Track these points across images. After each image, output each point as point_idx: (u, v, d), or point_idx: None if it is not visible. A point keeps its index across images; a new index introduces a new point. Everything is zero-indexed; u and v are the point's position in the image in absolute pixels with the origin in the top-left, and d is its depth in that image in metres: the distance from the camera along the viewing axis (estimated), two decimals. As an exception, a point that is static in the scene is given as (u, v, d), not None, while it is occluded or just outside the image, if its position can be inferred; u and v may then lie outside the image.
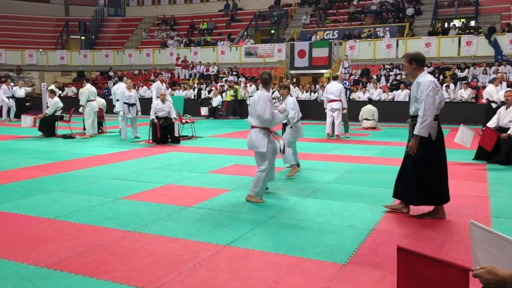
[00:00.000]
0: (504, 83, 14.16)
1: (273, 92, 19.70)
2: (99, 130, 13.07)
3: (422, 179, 4.68)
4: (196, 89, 22.09)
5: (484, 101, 14.65)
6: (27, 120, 13.36)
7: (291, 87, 19.08)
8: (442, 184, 4.73)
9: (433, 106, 4.49)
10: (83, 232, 4.31)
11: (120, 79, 13.73)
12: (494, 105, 11.54)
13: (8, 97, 17.54)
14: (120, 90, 12.25)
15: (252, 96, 19.33)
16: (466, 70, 18.98)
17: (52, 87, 14.81)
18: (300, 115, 7.24)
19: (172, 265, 3.52)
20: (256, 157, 5.62)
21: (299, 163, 7.50)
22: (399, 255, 2.18)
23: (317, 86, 19.81)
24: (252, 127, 5.56)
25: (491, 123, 8.38)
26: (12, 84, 18.45)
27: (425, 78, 4.62)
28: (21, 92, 18.22)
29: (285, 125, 7.47)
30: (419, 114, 4.55)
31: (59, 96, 15.15)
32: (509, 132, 7.90)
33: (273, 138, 5.65)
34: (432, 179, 4.67)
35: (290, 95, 7.38)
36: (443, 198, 4.75)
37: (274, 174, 5.86)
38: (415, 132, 4.56)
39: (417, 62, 4.72)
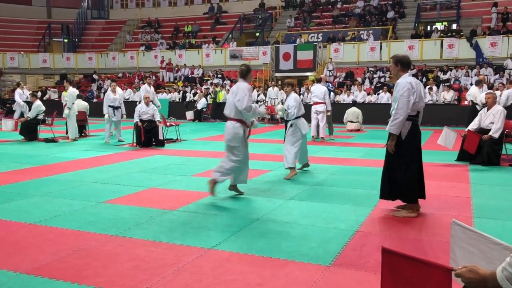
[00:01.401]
0: (485, 86, 14.36)
1: (258, 95, 19.75)
2: (82, 134, 12.93)
3: (389, 176, 4.93)
4: (181, 92, 22.00)
5: (466, 103, 14.86)
6: (8, 123, 13.16)
7: (277, 88, 19.13)
8: (408, 182, 4.84)
9: (406, 105, 4.66)
10: (65, 237, 4.24)
11: (114, 82, 13.52)
12: (478, 107, 11.71)
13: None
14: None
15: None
16: (449, 73, 19.24)
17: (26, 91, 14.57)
18: (302, 111, 7.24)
19: (155, 269, 3.48)
20: (226, 148, 5.69)
21: (308, 163, 7.54)
22: (384, 256, 2.19)
23: (302, 89, 19.88)
24: (229, 119, 5.60)
25: (473, 125, 8.50)
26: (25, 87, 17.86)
27: (403, 80, 4.78)
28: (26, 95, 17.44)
29: (287, 123, 7.44)
30: (392, 112, 4.77)
31: (41, 99, 14.87)
32: (490, 133, 8.02)
33: (247, 133, 5.71)
34: (399, 177, 4.85)
35: (294, 92, 7.42)
36: (409, 196, 4.89)
37: (246, 176, 5.89)
38: (387, 128, 4.80)
39: (402, 64, 4.87)
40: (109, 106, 11.59)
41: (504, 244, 1.97)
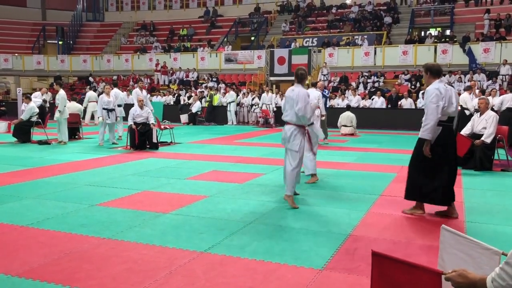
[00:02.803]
0: (477, 91, 14.44)
1: (253, 99, 19.78)
2: (76, 136, 12.88)
3: (414, 176, 5.04)
4: (175, 95, 21.99)
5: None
6: (1, 125, 13.07)
7: (271, 94, 19.15)
8: (435, 184, 4.93)
9: (435, 111, 4.78)
10: (57, 239, 4.23)
11: (115, 85, 13.39)
12: (467, 112, 11.79)
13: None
14: (121, 95, 12.15)
15: (232, 102, 19.44)
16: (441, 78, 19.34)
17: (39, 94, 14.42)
18: (316, 117, 7.23)
19: (147, 272, 3.47)
20: (287, 154, 5.63)
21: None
22: (374, 260, 2.20)
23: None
24: (287, 123, 5.57)
25: (466, 130, 8.56)
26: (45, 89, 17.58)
27: (432, 86, 4.92)
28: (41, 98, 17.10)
29: None
30: (423, 118, 4.90)
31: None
32: (482, 138, 8.08)
33: (307, 136, 5.73)
34: (423, 179, 4.96)
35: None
36: (435, 198, 4.97)
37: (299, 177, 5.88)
38: (419, 135, 4.91)
39: (431, 72, 5.02)
40: (104, 108, 11.57)
41: (493, 249, 1.99)
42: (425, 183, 4.97)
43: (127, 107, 12.54)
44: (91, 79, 26.37)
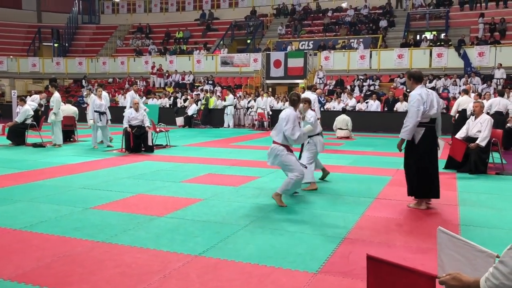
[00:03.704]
0: (472, 95, 14.51)
1: (248, 102, 19.77)
2: (71, 139, 12.83)
3: (409, 174, 5.58)
4: (171, 98, 21.96)
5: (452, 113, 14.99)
6: (-5, 128, 12.99)
7: (266, 97, 19.16)
8: (424, 180, 5.46)
9: (415, 114, 5.30)
10: (50, 243, 4.20)
11: (100, 87, 13.29)
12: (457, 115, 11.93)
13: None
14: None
15: (230, 105, 19.41)
16: (434, 81, 19.47)
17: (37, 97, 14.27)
18: (320, 129, 7.23)
19: (141, 276, 3.45)
20: (283, 169, 5.90)
21: (325, 169, 7.55)
22: (369, 263, 2.20)
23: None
24: (274, 142, 5.77)
25: (461, 133, 8.58)
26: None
27: (414, 92, 5.44)
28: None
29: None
30: (404, 120, 5.44)
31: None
32: (477, 142, 8.10)
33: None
34: (415, 175, 5.46)
35: (311, 109, 7.37)
36: (426, 192, 5.51)
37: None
38: (400, 134, 5.49)
39: (414, 78, 5.54)
40: (95, 111, 11.53)
41: (488, 251, 1.99)
42: (419, 179, 5.45)
43: (119, 110, 12.51)
44: (84, 82, 26.25)
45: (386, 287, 2.12)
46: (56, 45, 29.91)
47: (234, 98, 19.74)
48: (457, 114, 12.76)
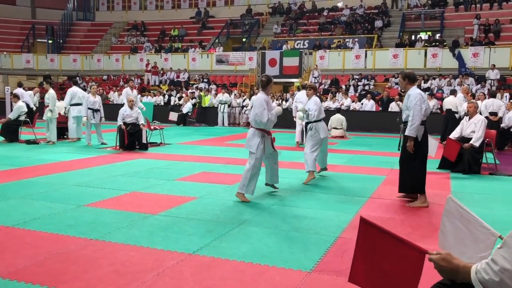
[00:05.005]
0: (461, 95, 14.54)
1: (243, 100, 19.75)
2: (65, 136, 12.76)
3: (409, 172, 5.70)
4: (166, 96, 21.89)
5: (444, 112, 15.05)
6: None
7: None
8: (422, 176, 5.71)
9: (420, 112, 5.49)
10: (43, 240, 4.17)
11: (75, 83, 12.87)
12: (457, 116, 11.93)
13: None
14: (79, 94, 11.97)
15: (224, 103, 19.38)
16: (429, 81, 19.54)
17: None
18: (323, 115, 7.37)
19: (134, 274, 3.43)
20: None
21: (326, 167, 7.70)
22: (361, 226, 2.19)
23: (288, 95, 19.96)
24: (251, 126, 5.96)
25: (455, 134, 8.62)
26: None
27: (414, 91, 5.59)
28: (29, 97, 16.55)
29: (306, 126, 7.50)
30: (409, 119, 5.53)
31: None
32: (471, 142, 8.14)
33: (269, 140, 5.99)
34: (417, 172, 5.66)
35: (315, 95, 7.57)
36: (422, 188, 5.72)
37: (277, 177, 6.27)
38: (406, 133, 5.57)
39: (409, 78, 5.69)
40: (89, 108, 11.48)
41: (492, 230, 2.02)
42: (422, 175, 5.68)
43: (114, 107, 12.42)
44: (78, 79, 26.06)
45: (375, 253, 2.11)
46: (50, 41, 29.72)
47: (230, 96, 19.70)
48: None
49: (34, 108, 14.21)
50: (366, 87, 20.52)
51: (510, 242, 1.61)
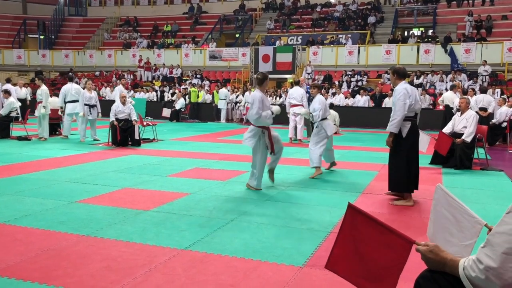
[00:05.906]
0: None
1: (237, 96, 19.72)
2: (57, 132, 12.69)
3: (395, 169, 5.60)
4: (158, 92, 21.80)
5: (441, 107, 15.14)
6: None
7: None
8: (411, 174, 5.54)
9: (402, 108, 5.37)
10: (35, 236, 4.15)
11: (70, 79, 12.83)
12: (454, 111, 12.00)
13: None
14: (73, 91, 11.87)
15: (225, 99, 19.32)
16: (422, 77, 19.62)
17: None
18: (328, 113, 7.50)
19: (126, 270, 3.43)
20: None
21: (335, 162, 7.76)
22: (348, 213, 2.15)
23: (280, 91, 19.96)
24: (250, 123, 6.17)
25: (447, 129, 8.68)
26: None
27: (400, 86, 5.51)
28: (21, 92, 16.11)
29: (313, 124, 7.63)
30: (391, 114, 5.48)
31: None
32: (463, 137, 8.19)
33: (267, 136, 6.08)
34: (403, 170, 5.50)
35: (320, 94, 7.67)
36: (412, 187, 5.58)
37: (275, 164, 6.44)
38: (387, 128, 5.52)
39: (398, 74, 5.64)
40: (85, 104, 11.42)
41: (478, 218, 2.03)
42: (408, 173, 5.53)
43: (106, 103, 12.35)
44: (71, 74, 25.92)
45: (359, 241, 2.07)
46: (42, 37, 29.49)
47: (228, 91, 19.61)
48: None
49: (28, 102, 14.13)
50: (359, 83, 20.57)
51: (493, 240, 1.64)
